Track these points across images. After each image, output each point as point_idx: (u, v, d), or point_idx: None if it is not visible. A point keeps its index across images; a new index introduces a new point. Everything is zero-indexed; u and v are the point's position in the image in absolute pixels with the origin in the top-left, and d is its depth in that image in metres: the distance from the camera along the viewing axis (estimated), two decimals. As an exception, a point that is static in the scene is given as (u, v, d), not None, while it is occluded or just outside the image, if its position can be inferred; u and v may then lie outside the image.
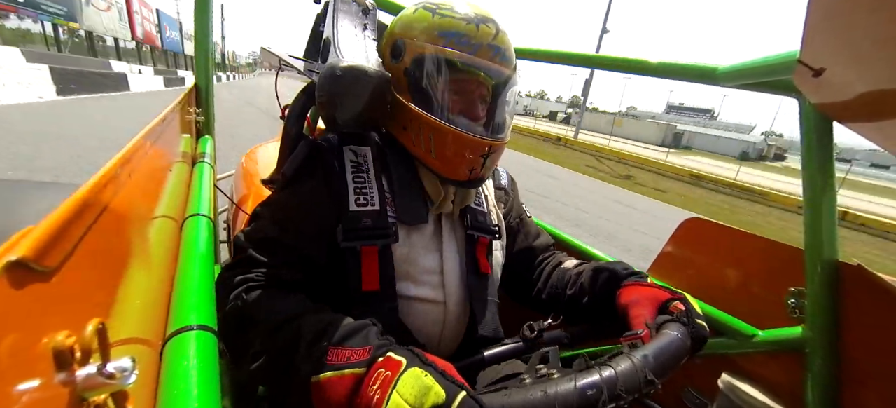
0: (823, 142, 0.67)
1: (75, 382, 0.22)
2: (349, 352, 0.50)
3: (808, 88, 0.53)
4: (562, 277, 0.84)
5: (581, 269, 0.82)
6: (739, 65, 0.72)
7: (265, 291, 0.60)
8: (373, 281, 0.67)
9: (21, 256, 0.19)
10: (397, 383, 0.44)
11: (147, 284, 0.41)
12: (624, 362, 0.47)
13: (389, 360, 0.48)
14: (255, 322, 0.57)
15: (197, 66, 1.11)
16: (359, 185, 0.70)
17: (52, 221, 0.23)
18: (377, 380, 0.46)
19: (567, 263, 0.87)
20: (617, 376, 0.45)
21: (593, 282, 0.76)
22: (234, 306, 0.58)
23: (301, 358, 0.52)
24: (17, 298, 0.19)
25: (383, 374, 0.46)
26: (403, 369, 0.45)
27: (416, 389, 0.43)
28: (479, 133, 0.69)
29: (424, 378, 0.44)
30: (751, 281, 0.84)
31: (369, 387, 0.46)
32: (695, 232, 0.96)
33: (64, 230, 0.23)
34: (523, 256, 0.90)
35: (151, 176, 0.53)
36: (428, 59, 0.67)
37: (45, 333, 0.21)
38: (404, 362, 0.46)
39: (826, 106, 0.60)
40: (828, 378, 0.70)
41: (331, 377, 0.49)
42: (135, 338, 0.34)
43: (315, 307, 0.59)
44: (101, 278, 0.31)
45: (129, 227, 0.39)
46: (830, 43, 0.35)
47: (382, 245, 0.68)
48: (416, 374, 0.45)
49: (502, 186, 0.92)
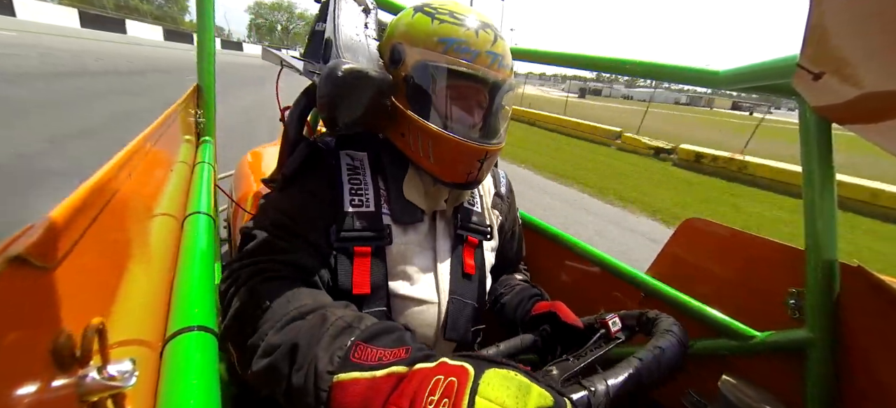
0: (822, 143, 0.67)
1: (76, 384, 0.22)
2: (380, 352, 0.45)
3: (808, 92, 0.53)
4: (500, 286, 0.91)
5: (514, 285, 0.89)
6: (740, 68, 0.72)
7: (282, 281, 0.58)
8: (364, 283, 0.67)
9: (21, 252, 0.19)
10: (477, 387, 0.38)
11: (147, 283, 0.41)
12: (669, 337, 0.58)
13: (445, 366, 0.41)
14: (272, 312, 0.53)
15: (198, 66, 1.11)
16: (354, 186, 0.70)
17: (52, 219, 0.23)
18: (436, 389, 0.39)
19: (517, 275, 0.96)
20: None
21: (516, 298, 0.84)
22: (247, 297, 0.55)
23: (323, 350, 0.47)
24: (17, 294, 0.19)
25: (444, 381, 0.39)
26: (476, 374, 0.39)
27: (513, 389, 0.37)
28: (477, 140, 0.69)
29: (517, 377, 0.39)
30: (751, 281, 0.84)
31: (425, 398, 0.39)
32: (695, 232, 0.96)
33: (65, 228, 0.23)
34: (501, 268, 0.93)
35: (152, 174, 0.53)
36: (427, 66, 0.67)
37: (45, 331, 0.21)
38: (470, 368, 0.40)
39: (825, 109, 0.60)
40: (828, 379, 0.70)
41: (357, 379, 0.43)
42: (134, 339, 0.34)
43: (338, 302, 0.57)
44: (102, 277, 0.31)
45: (130, 225, 0.40)
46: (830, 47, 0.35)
47: (375, 247, 0.68)
48: (504, 374, 0.39)
49: (501, 193, 0.92)
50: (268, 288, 0.56)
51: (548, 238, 1.12)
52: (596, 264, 1.02)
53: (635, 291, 0.94)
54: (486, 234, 0.83)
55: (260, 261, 0.60)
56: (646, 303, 0.93)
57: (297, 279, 0.60)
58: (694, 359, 0.82)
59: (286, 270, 0.60)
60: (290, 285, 0.58)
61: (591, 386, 0.45)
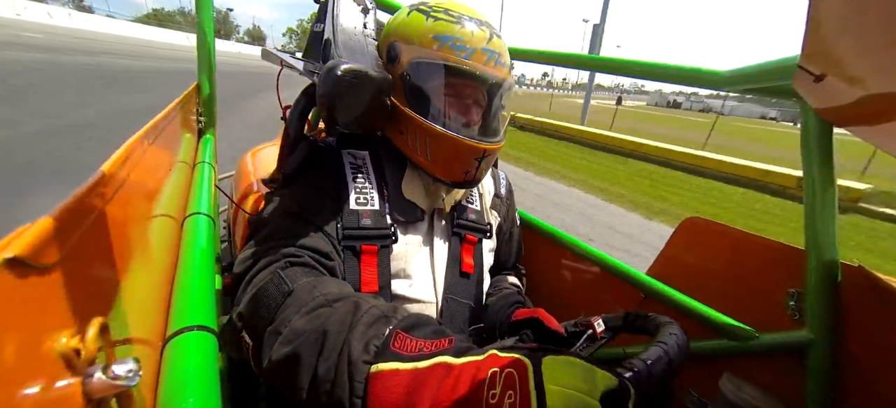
0: (823, 145, 0.67)
1: (81, 383, 0.22)
2: (421, 342, 0.43)
3: (809, 93, 0.53)
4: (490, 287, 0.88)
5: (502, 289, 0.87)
6: (742, 69, 0.72)
7: (304, 268, 0.55)
8: (372, 281, 0.66)
9: (17, 254, 0.19)
10: (541, 376, 0.36)
11: (147, 283, 0.41)
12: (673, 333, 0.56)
13: (496, 358, 0.39)
14: (296, 297, 0.50)
15: (199, 66, 1.11)
16: (359, 185, 0.70)
17: (52, 218, 0.22)
18: (496, 382, 0.37)
19: (509, 277, 0.93)
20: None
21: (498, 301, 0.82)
22: (267, 281, 0.52)
23: (357, 339, 0.43)
24: (15, 295, 0.19)
25: (502, 373, 0.37)
26: (534, 363, 0.37)
27: (580, 372, 0.36)
28: (474, 137, 0.69)
29: (578, 361, 0.37)
30: (751, 281, 0.84)
31: (486, 392, 0.37)
32: (694, 232, 0.96)
33: (62, 228, 0.23)
34: (496, 269, 0.92)
35: (152, 175, 0.53)
36: (423, 63, 0.67)
37: (48, 331, 0.21)
38: (525, 359, 0.37)
39: (826, 110, 0.60)
40: (828, 379, 0.70)
41: (398, 369, 0.40)
42: (135, 338, 0.34)
43: (364, 294, 0.55)
44: (102, 277, 0.31)
45: (129, 225, 0.39)
46: (830, 48, 0.35)
47: (382, 246, 0.68)
48: (564, 360, 0.37)
49: (500, 194, 0.92)
50: (291, 272, 0.53)
51: (547, 238, 1.12)
52: (595, 264, 1.02)
53: (635, 291, 0.94)
54: (485, 232, 0.83)
55: (279, 245, 0.58)
56: (646, 303, 0.93)
57: (320, 268, 0.58)
58: (694, 359, 0.82)
59: (307, 256, 0.58)
60: (313, 273, 0.55)
61: (632, 367, 0.43)
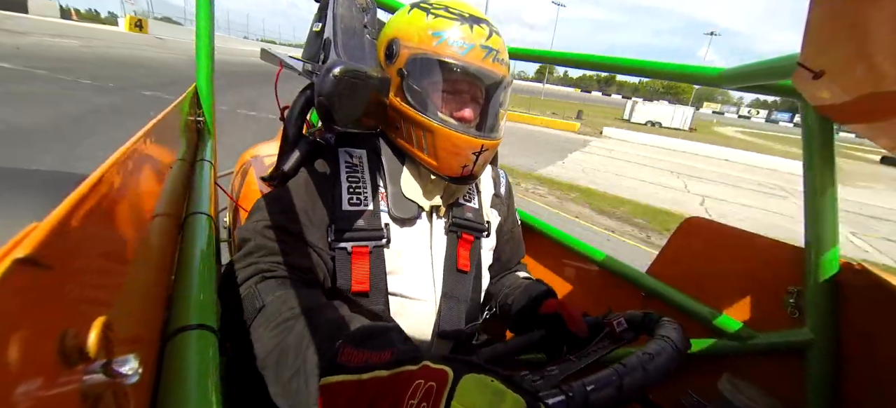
0: (823, 142, 0.67)
1: (81, 380, 0.22)
2: (367, 354, 0.46)
3: (808, 91, 0.53)
4: (505, 285, 0.89)
5: (520, 284, 0.88)
6: (742, 67, 0.72)
7: (278, 281, 0.59)
8: (363, 281, 0.67)
9: (28, 253, 0.19)
10: (454, 393, 0.39)
11: (147, 283, 0.41)
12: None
13: (428, 369, 0.42)
14: (266, 313, 0.54)
15: (197, 66, 1.11)
16: (353, 185, 0.71)
17: (54, 218, 0.23)
18: (417, 393, 0.40)
19: (519, 273, 0.93)
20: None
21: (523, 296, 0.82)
22: (244, 297, 0.57)
23: (313, 352, 0.48)
24: (24, 295, 0.19)
25: (425, 385, 0.40)
26: (454, 378, 0.40)
27: (488, 396, 0.38)
28: (472, 133, 0.70)
29: (494, 383, 0.39)
30: (751, 281, 0.84)
31: (405, 402, 0.40)
32: (695, 232, 0.96)
33: (66, 228, 0.23)
34: (497, 269, 0.92)
35: (152, 174, 0.53)
36: (421, 59, 0.68)
37: (49, 329, 0.21)
38: (449, 371, 0.40)
39: (826, 108, 0.60)
40: (828, 379, 0.69)
41: (344, 381, 0.43)
42: (135, 336, 0.34)
43: (331, 303, 0.58)
44: (102, 276, 0.31)
45: (130, 225, 0.39)
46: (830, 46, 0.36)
47: (373, 246, 0.69)
48: (481, 380, 0.39)
49: (500, 194, 0.92)
50: (264, 288, 0.57)
51: (548, 238, 1.12)
52: (596, 264, 1.02)
53: (635, 290, 0.94)
54: (483, 230, 0.83)
55: (258, 261, 0.61)
56: (646, 303, 0.93)
57: (294, 280, 0.61)
58: (694, 359, 0.82)
59: (283, 271, 0.61)
60: (286, 286, 0.58)
61: (570, 391, 0.45)
